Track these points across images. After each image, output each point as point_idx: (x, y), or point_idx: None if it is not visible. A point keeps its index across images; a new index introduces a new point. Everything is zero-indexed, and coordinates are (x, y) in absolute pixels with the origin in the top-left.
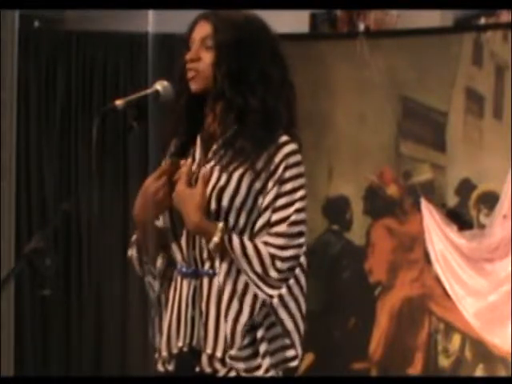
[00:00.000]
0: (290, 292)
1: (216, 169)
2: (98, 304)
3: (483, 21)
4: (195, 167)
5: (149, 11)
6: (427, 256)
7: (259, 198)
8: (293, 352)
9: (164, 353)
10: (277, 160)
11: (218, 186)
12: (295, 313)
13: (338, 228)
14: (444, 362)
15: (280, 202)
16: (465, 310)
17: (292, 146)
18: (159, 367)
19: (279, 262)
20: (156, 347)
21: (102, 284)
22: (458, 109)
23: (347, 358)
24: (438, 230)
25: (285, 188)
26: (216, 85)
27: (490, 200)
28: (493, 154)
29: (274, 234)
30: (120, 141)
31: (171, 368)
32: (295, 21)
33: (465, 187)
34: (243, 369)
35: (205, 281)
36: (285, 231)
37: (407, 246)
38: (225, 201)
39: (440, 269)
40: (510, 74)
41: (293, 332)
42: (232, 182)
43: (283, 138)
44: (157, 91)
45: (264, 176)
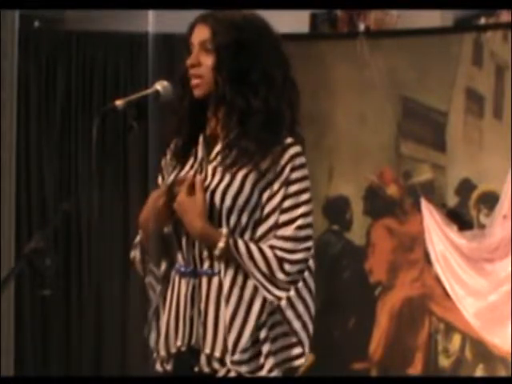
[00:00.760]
0: (298, 294)
1: (219, 169)
2: (98, 304)
3: (483, 21)
4: (197, 166)
5: (149, 11)
6: (427, 256)
7: (263, 197)
8: (298, 350)
9: (162, 352)
10: (283, 161)
11: (222, 185)
12: (303, 313)
13: (338, 228)
14: (444, 362)
15: (287, 204)
16: (465, 310)
17: (297, 148)
18: (157, 367)
19: (288, 265)
20: (152, 347)
21: (102, 284)
22: (458, 109)
23: (347, 358)
24: (438, 230)
25: (291, 189)
26: (217, 88)
27: (490, 200)
28: (493, 154)
29: (282, 238)
30: (120, 141)
31: (169, 368)
32: (295, 21)
33: (465, 187)
34: (246, 371)
35: (204, 280)
36: (292, 235)
37: (407, 246)
38: (228, 199)
39: (440, 269)
40: (510, 74)
41: (300, 331)
42: (236, 182)
43: (288, 140)
44: (157, 91)
45: (269, 177)
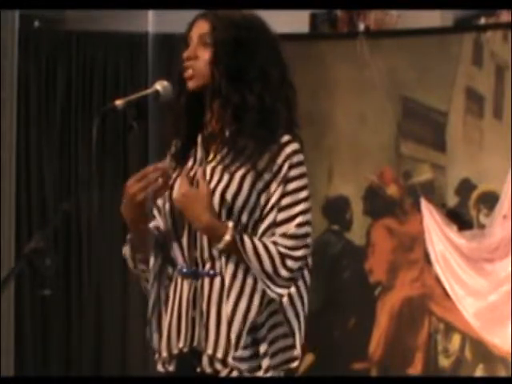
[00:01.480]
0: (298, 291)
1: (218, 169)
2: (98, 304)
3: (483, 21)
4: (196, 168)
5: (149, 11)
6: (427, 256)
7: (262, 197)
8: (295, 352)
9: (164, 353)
10: (280, 160)
11: (221, 186)
12: (300, 312)
13: (338, 228)
14: (444, 362)
15: (285, 202)
16: (465, 310)
17: (295, 146)
18: (159, 368)
19: (290, 261)
20: (154, 348)
21: (102, 284)
22: (458, 109)
23: (347, 358)
24: (438, 230)
25: (290, 187)
26: (213, 82)
27: (490, 200)
28: (493, 154)
29: (283, 235)
30: (120, 141)
31: (171, 369)
32: (295, 21)
33: (465, 187)
34: (246, 369)
35: (205, 281)
36: (293, 233)
37: (407, 246)
38: (227, 200)
39: (440, 269)
40: (510, 74)
41: (296, 332)
42: (234, 182)
43: (285, 138)
44: (157, 91)
45: (267, 176)
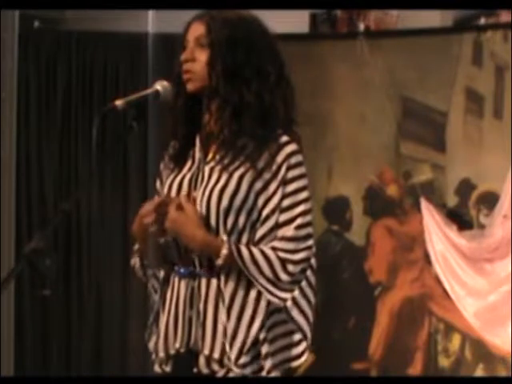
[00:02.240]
0: (302, 293)
1: (216, 169)
2: (98, 304)
3: (483, 21)
4: (195, 169)
5: (149, 11)
6: (427, 256)
7: (260, 198)
8: (298, 349)
9: (161, 354)
10: (279, 160)
11: (218, 186)
12: (306, 310)
13: (338, 228)
14: (444, 362)
15: (285, 203)
16: (465, 310)
17: (293, 146)
18: (156, 368)
19: (291, 266)
20: (151, 349)
21: (102, 284)
22: (458, 109)
23: (347, 358)
24: (438, 230)
25: (289, 188)
26: (211, 83)
27: (490, 200)
28: (493, 154)
29: (282, 239)
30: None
31: (168, 369)
32: (295, 21)
33: (465, 187)
34: (250, 373)
35: (202, 282)
36: (293, 235)
37: (407, 246)
38: (225, 201)
39: (440, 269)
40: (510, 74)
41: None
42: (232, 182)
43: (284, 138)
44: (157, 91)
45: (266, 175)
